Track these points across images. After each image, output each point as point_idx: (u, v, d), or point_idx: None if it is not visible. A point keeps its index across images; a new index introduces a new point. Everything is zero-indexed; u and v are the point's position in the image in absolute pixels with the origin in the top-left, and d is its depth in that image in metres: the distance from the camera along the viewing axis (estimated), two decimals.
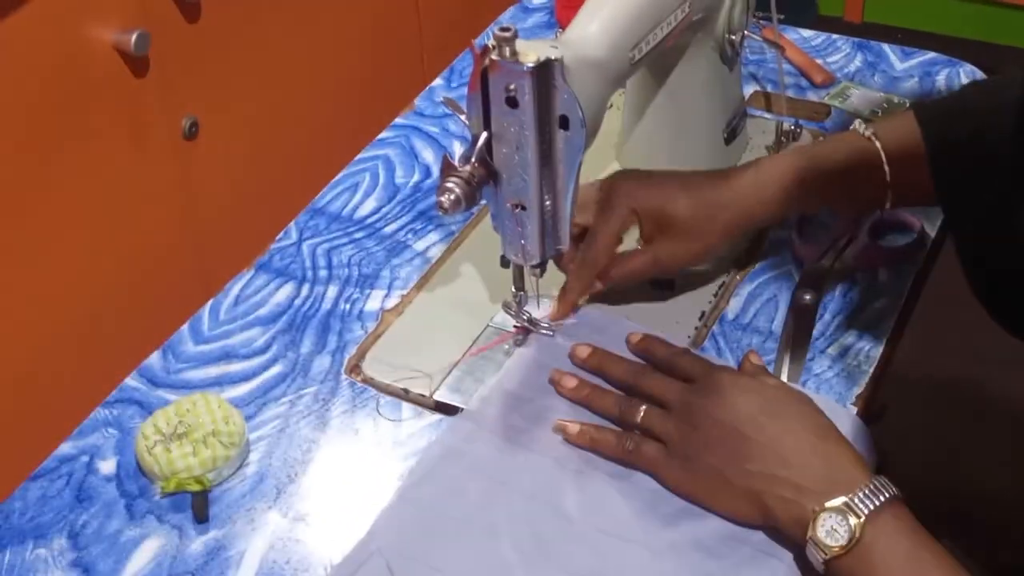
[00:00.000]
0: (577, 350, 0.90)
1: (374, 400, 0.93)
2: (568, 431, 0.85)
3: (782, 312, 0.98)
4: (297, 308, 1.02)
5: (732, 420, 0.78)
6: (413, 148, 1.21)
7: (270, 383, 0.95)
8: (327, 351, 0.98)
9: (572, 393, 0.87)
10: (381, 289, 1.03)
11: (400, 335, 0.97)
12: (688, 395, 0.81)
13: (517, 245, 0.87)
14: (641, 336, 0.90)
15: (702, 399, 0.80)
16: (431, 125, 1.24)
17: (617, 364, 0.88)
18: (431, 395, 0.92)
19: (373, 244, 1.08)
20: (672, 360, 0.86)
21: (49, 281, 1.32)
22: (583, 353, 0.89)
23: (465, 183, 0.83)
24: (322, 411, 0.92)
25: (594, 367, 0.89)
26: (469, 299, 1.00)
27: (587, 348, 0.89)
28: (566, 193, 0.85)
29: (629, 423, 0.83)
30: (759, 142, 1.16)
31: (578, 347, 0.90)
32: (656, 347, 0.88)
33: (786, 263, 1.03)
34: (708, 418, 0.79)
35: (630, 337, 0.90)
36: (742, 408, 0.78)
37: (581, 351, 0.89)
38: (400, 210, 1.12)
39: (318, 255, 1.07)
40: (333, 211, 1.12)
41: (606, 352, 0.89)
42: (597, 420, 0.86)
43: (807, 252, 1.00)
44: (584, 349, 0.89)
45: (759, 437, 0.77)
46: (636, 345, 0.89)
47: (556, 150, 0.83)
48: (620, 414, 0.84)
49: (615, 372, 0.87)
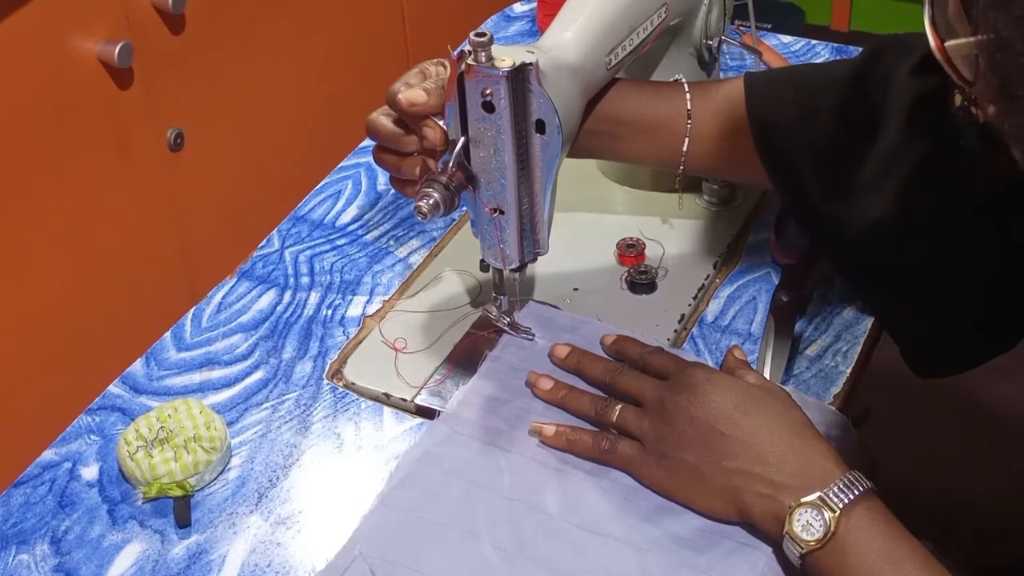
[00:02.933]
0: (556, 349, 0.90)
1: (355, 405, 0.94)
2: (544, 433, 0.85)
3: (761, 314, 0.99)
4: (279, 314, 1.03)
5: (707, 417, 0.78)
6: None
7: (252, 389, 0.96)
8: (309, 357, 0.98)
9: (548, 395, 0.88)
10: (363, 295, 1.04)
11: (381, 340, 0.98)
12: (663, 392, 0.81)
13: (496, 249, 0.88)
14: (615, 337, 0.91)
15: (676, 396, 0.80)
16: None
17: (594, 364, 0.88)
18: (412, 400, 0.93)
19: (355, 251, 1.09)
20: (646, 358, 0.86)
21: (33, 290, 1.33)
22: (561, 353, 0.90)
23: (444, 188, 0.84)
24: (304, 416, 0.93)
25: (572, 367, 0.90)
26: (450, 304, 1.01)
27: (566, 348, 0.90)
28: (544, 197, 0.86)
29: (605, 422, 0.84)
30: None
31: (557, 347, 0.91)
32: (629, 346, 0.89)
33: (765, 265, 1.04)
34: (683, 415, 0.79)
35: (604, 339, 0.91)
36: (717, 404, 0.79)
37: (560, 351, 0.90)
38: (382, 217, 1.13)
39: (300, 262, 1.08)
40: (315, 218, 1.13)
41: (584, 352, 0.90)
42: (574, 421, 0.87)
43: (784, 254, 1.01)
44: (563, 349, 0.90)
45: (735, 433, 0.77)
46: (610, 346, 0.90)
47: (533, 154, 0.84)
48: (596, 414, 0.84)
49: (592, 372, 0.88)
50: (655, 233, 1.07)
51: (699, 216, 1.09)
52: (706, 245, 1.06)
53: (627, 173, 1.13)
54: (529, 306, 0.99)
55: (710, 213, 1.10)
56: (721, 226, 1.08)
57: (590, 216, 1.11)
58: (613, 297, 1.01)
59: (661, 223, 1.09)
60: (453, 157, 0.83)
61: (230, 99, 1.54)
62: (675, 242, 1.06)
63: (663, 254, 1.04)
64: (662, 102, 0.92)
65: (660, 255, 1.04)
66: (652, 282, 1.01)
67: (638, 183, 1.13)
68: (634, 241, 1.05)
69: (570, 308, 0.99)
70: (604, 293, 1.01)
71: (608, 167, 1.15)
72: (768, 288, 1.01)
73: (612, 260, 1.04)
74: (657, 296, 1.00)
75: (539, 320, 0.97)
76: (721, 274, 1.04)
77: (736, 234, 1.07)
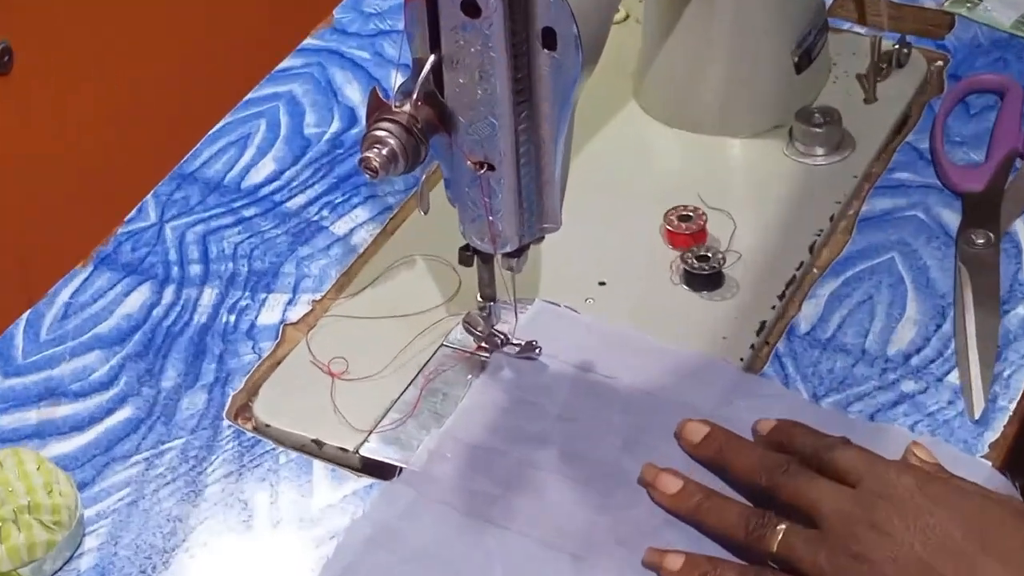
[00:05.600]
0: (687, 429, 0.90)
1: (271, 458, 0.94)
2: (668, 567, 0.83)
3: (882, 321, 0.99)
4: (156, 321, 1.02)
5: (921, 550, 0.77)
6: (330, 82, 1.22)
7: (116, 433, 0.96)
8: (201, 385, 0.98)
9: (675, 502, 0.86)
10: (283, 292, 1.04)
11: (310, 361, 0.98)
12: (850, 506, 0.80)
13: (482, 224, 0.88)
14: (774, 422, 0.89)
15: (872, 514, 0.79)
16: (357, 48, 1.25)
17: (744, 454, 0.87)
18: (356, 450, 0.93)
19: (270, 225, 1.09)
20: (824, 454, 0.84)
21: None
22: (695, 435, 0.89)
23: (404, 131, 0.83)
24: (194, 475, 0.93)
25: (709, 456, 0.89)
26: (414, 307, 1.01)
27: (701, 427, 0.90)
28: (554, 145, 0.85)
29: (760, 549, 0.82)
30: (847, 68, 1.18)
31: (689, 424, 0.90)
32: (798, 435, 0.87)
33: (890, 246, 1.04)
34: (883, 546, 0.78)
35: (758, 425, 0.90)
36: (938, 531, 0.77)
37: (692, 430, 0.89)
38: (311, 175, 1.13)
39: (188, 243, 1.08)
40: (210, 178, 1.13)
41: (730, 435, 0.89)
42: (695, 540, 0.83)
43: (964, 176, 1.00)
44: (697, 428, 0.89)
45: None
46: (769, 435, 0.89)
47: (538, 80, 0.83)
48: (747, 535, 0.82)
49: (740, 466, 0.86)
50: (722, 199, 1.06)
51: (789, 172, 1.09)
52: (798, 217, 1.06)
53: (683, 108, 1.13)
54: (533, 309, 0.98)
55: (805, 168, 1.10)
56: (822, 187, 1.08)
57: (625, 173, 1.11)
58: (659, 295, 1.00)
59: (731, 184, 1.09)
60: (418, 85, 0.83)
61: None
62: (752, 212, 1.06)
63: (733, 230, 1.04)
64: None
65: (729, 232, 1.04)
66: (717, 273, 1.00)
67: (699, 122, 1.13)
68: (691, 211, 1.04)
69: (594, 312, 0.99)
70: (645, 289, 1.01)
71: (653, 99, 1.15)
72: (892, 282, 1.01)
73: (658, 240, 1.04)
74: (725, 294, 1.00)
75: (547, 330, 0.96)
76: (821, 261, 1.04)
77: (845, 200, 1.07)
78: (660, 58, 1.13)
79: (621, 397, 0.93)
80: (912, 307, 1.00)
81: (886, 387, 0.95)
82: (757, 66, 1.11)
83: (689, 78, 1.12)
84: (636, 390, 0.94)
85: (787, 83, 1.12)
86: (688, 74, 1.12)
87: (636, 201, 1.07)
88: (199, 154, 1.15)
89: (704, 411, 0.91)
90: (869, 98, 1.15)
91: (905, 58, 1.17)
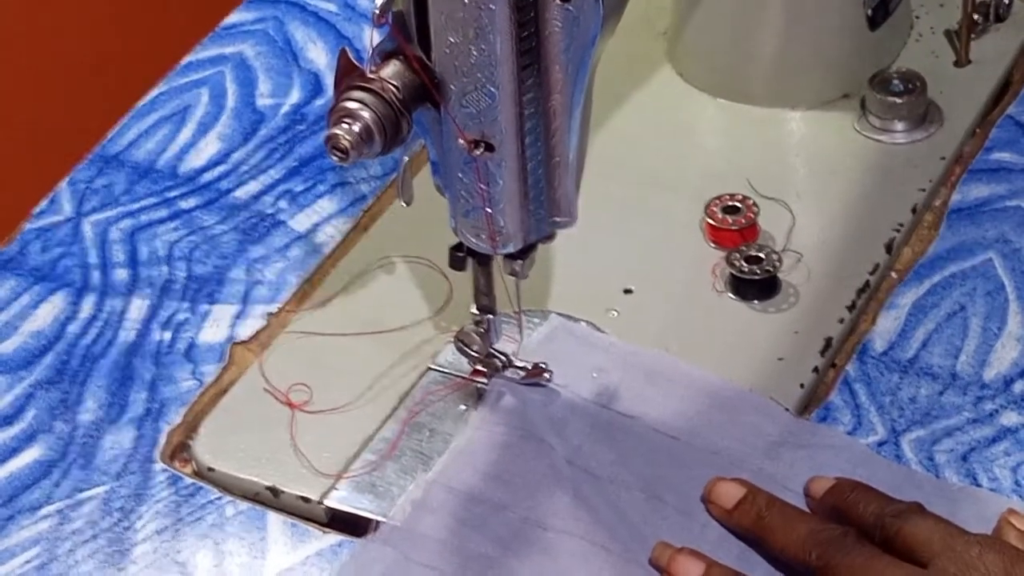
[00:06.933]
0: (720, 492, 0.90)
1: (216, 510, 0.93)
2: (678, 573, 0.86)
3: (977, 338, 0.99)
4: (72, 340, 1.03)
5: None
6: (289, 42, 1.22)
7: (21, 479, 0.96)
8: (128, 419, 0.98)
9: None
10: (230, 303, 1.04)
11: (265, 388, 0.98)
12: None
13: (479, 218, 0.88)
14: (833, 481, 0.90)
15: None
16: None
17: (790, 523, 0.87)
18: (321, 499, 0.93)
19: (214, 220, 1.09)
20: (891, 524, 0.85)
21: None
22: (729, 499, 0.90)
23: (382, 102, 0.83)
24: (119, 531, 0.93)
25: (747, 526, 0.89)
26: (393, 321, 1.01)
27: (738, 488, 0.90)
28: (568, 120, 0.86)
29: None
30: (934, 22, 1.18)
31: (721, 485, 0.90)
32: (861, 499, 0.88)
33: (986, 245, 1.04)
34: None
35: (811, 485, 0.91)
36: None
37: (726, 494, 0.90)
38: (264, 157, 1.13)
39: (112, 242, 1.08)
40: (139, 161, 1.13)
41: (771, 499, 0.89)
42: None
43: None
44: (732, 491, 0.90)
45: None
46: (824, 498, 0.90)
47: (549, 38, 0.83)
48: None
49: (785, 537, 0.87)
50: (778, 187, 1.07)
51: (861, 152, 1.10)
52: (872, 208, 1.06)
53: (729, 73, 1.13)
54: (546, 326, 0.99)
55: (881, 147, 1.10)
56: (902, 171, 1.08)
57: (657, 155, 1.11)
58: (698, 306, 1.00)
59: (789, 168, 1.10)
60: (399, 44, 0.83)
61: None
62: (815, 202, 1.06)
63: (792, 226, 1.05)
64: None
65: (788, 228, 1.04)
66: (772, 279, 1.01)
67: (749, 91, 1.13)
68: (739, 202, 1.05)
69: (618, 327, 0.99)
70: (682, 299, 1.01)
71: (692, 62, 1.15)
72: (990, 290, 1.01)
73: (699, 237, 1.05)
74: (781, 304, 1.01)
75: (559, 351, 0.97)
76: (901, 263, 1.04)
77: (931, 187, 1.07)
78: (701, 11, 1.13)
79: (646, 442, 0.94)
80: (1015, 320, 1.00)
81: (982, 420, 0.94)
82: (821, 20, 1.11)
83: (737, 36, 1.12)
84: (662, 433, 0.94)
85: (858, 42, 1.12)
86: (736, 31, 1.12)
87: (671, 189, 1.08)
88: (125, 132, 1.15)
89: (743, 465, 0.91)
90: (961, 60, 1.15)
91: (1006, 10, 1.16)
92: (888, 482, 0.88)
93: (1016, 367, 0.97)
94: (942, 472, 0.91)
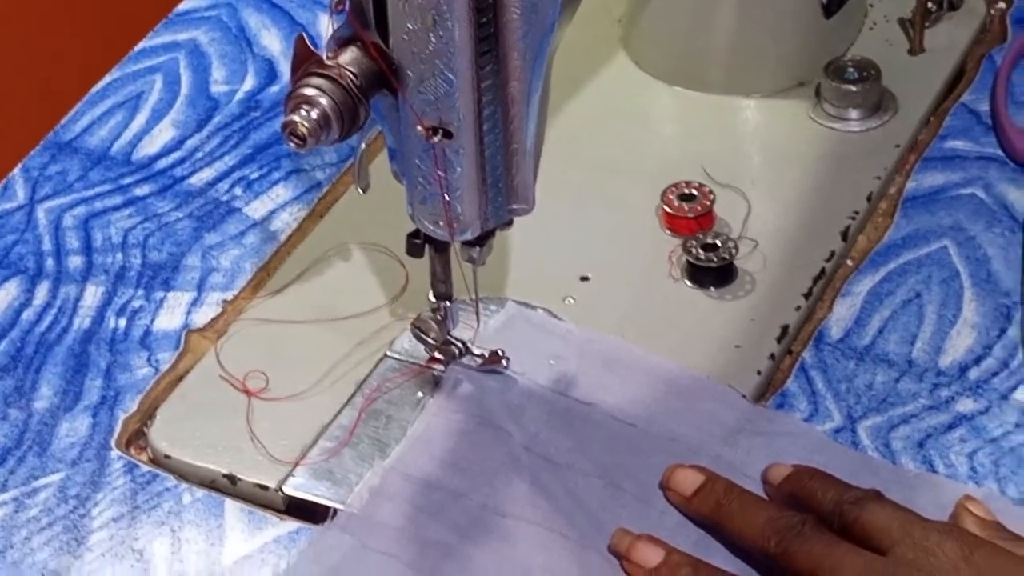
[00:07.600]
0: (678, 479, 0.90)
1: (172, 497, 0.93)
2: (638, 559, 0.86)
3: (932, 325, 0.99)
4: (27, 327, 1.02)
5: None
6: (243, 28, 1.22)
7: None
8: (83, 407, 0.98)
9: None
10: (185, 290, 1.04)
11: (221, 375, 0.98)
12: (879, 574, 0.82)
13: (436, 205, 0.87)
14: (790, 468, 0.91)
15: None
16: None
17: (749, 511, 0.88)
18: (279, 487, 0.92)
19: (169, 207, 1.09)
20: (848, 511, 0.85)
21: None
22: (688, 486, 0.90)
23: (339, 88, 0.83)
24: (75, 518, 0.92)
25: (705, 513, 0.88)
26: (349, 308, 1.01)
27: (696, 476, 0.90)
28: (526, 107, 0.85)
29: None
30: (888, 11, 1.18)
31: (679, 472, 0.90)
32: (818, 486, 0.88)
33: (940, 233, 1.04)
34: None
35: (769, 472, 0.91)
36: None
37: (684, 481, 0.90)
38: (220, 143, 1.13)
39: (66, 228, 1.08)
40: (92, 148, 1.13)
41: (730, 486, 0.89)
42: None
43: None
44: (691, 478, 0.89)
45: None
46: (781, 486, 0.90)
47: (506, 25, 0.83)
48: None
49: (744, 524, 0.87)
50: (733, 174, 1.07)
51: (816, 140, 1.10)
52: (828, 196, 1.06)
53: (684, 60, 1.13)
54: (504, 313, 0.99)
55: (836, 135, 1.10)
56: (857, 159, 1.08)
57: (613, 142, 1.11)
58: (655, 293, 1.00)
59: (744, 155, 1.10)
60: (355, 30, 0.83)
61: None
62: (770, 190, 1.06)
63: (748, 213, 1.05)
64: None
65: (743, 215, 1.05)
66: (728, 266, 1.01)
67: (704, 79, 1.13)
68: (694, 189, 1.04)
69: (575, 314, 0.99)
70: (638, 286, 1.01)
71: (647, 50, 1.15)
72: (945, 277, 1.02)
73: (655, 224, 1.05)
74: (737, 291, 1.01)
75: (516, 338, 0.97)
76: (856, 251, 1.04)
77: (886, 175, 1.08)
78: (652, 4, 1.13)
79: (604, 429, 0.93)
80: (969, 308, 1.00)
81: (938, 406, 0.95)
82: (776, 8, 1.11)
83: (693, 24, 1.12)
84: (620, 420, 0.94)
85: (813, 30, 1.12)
86: (691, 19, 1.12)
87: (627, 177, 1.08)
88: (79, 118, 1.15)
89: (701, 452, 0.91)
90: (915, 48, 1.15)
91: (958, 2, 1.17)
92: (845, 469, 0.88)
93: (971, 354, 0.97)
94: (899, 459, 0.92)
